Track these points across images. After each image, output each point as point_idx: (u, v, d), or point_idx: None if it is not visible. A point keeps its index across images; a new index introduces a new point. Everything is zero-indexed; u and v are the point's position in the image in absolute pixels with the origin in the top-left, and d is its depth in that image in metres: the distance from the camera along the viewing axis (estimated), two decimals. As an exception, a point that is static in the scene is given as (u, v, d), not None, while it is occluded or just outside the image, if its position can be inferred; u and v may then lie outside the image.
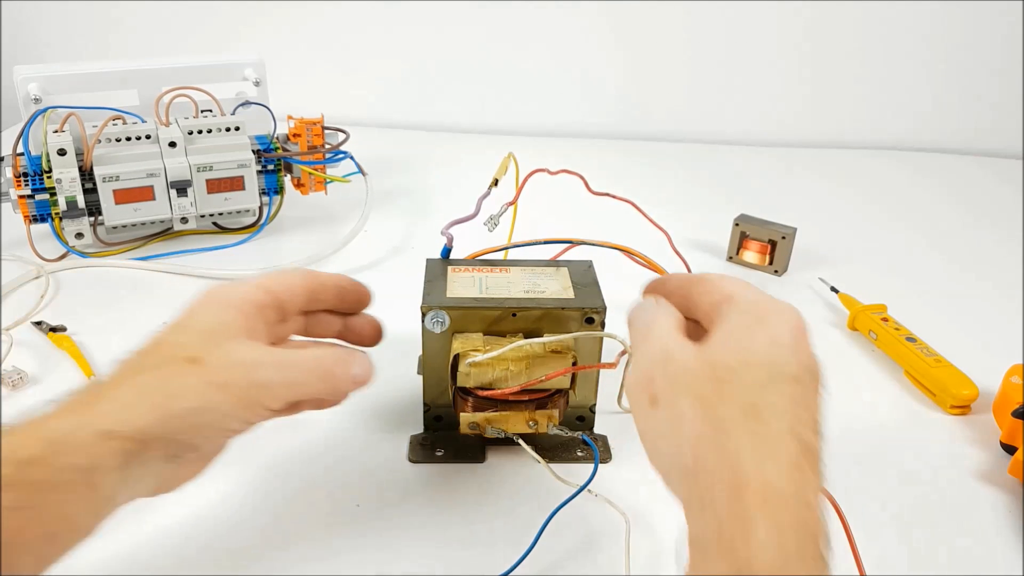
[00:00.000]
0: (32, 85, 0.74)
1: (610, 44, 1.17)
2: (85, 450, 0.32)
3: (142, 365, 0.35)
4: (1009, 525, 0.46)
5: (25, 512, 0.30)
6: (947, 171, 1.08)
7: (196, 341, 0.36)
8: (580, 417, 0.51)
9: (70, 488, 0.31)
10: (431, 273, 0.50)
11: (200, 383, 0.35)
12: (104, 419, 0.33)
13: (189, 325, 0.38)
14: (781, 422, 0.31)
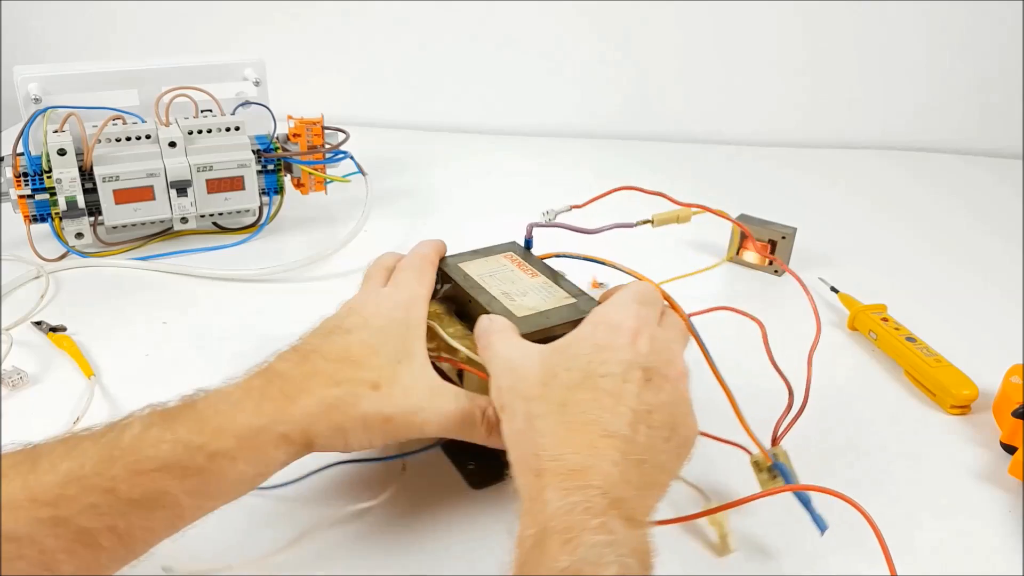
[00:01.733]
0: (32, 85, 0.74)
1: (611, 44, 1.17)
2: (266, 451, 0.37)
3: (335, 378, 0.40)
4: (1009, 525, 0.46)
5: (203, 497, 0.36)
6: (947, 171, 1.08)
7: (382, 368, 0.41)
8: None
9: (241, 479, 0.37)
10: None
11: (375, 412, 0.40)
12: (288, 426, 0.38)
13: (379, 347, 0.42)
14: (586, 414, 0.35)
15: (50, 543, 0.31)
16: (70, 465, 0.33)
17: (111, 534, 0.33)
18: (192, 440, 0.35)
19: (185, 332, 0.63)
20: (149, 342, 0.61)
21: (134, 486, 0.33)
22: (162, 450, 0.34)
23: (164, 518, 0.35)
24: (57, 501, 0.32)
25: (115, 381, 0.56)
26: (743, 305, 0.71)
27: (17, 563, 0.30)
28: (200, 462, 0.35)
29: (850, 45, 1.14)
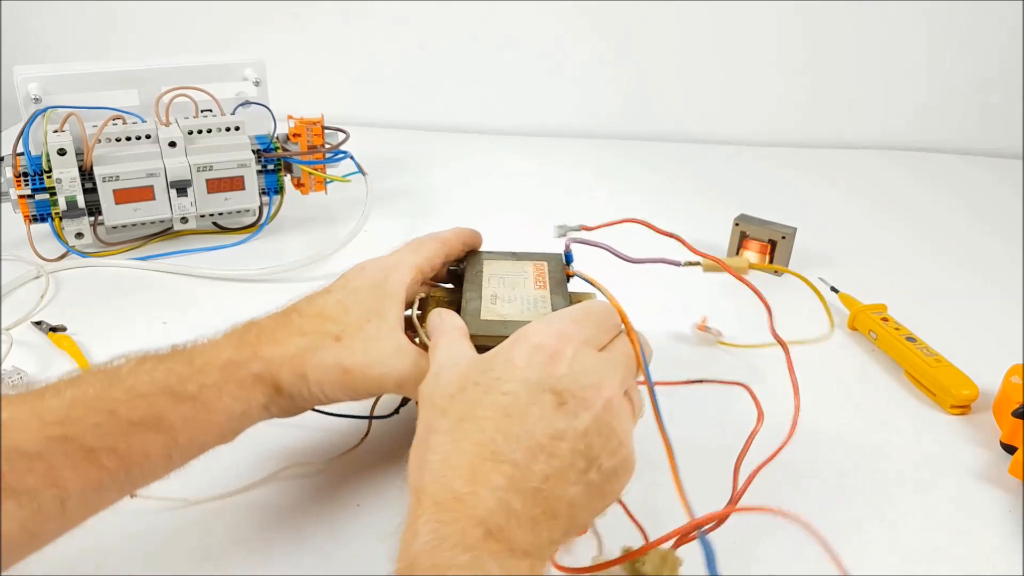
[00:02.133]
0: (32, 85, 0.74)
1: (611, 44, 1.17)
2: (245, 387, 0.40)
3: (302, 329, 0.42)
4: (1009, 525, 0.46)
5: (195, 425, 0.38)
6: (947, 171, 1.08)
7: (349, 323, 0.43)
8: None
9: (227, 412, 0.39)
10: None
11: (333, 362, 0.41)
12: (260, 366, 0.40)
13: (351, 306, 0.44)
14: (480, 433, 0.34)
15: (58, 460, 0.33)
16: (74, 392, 0.35)
17: (112, 455, 0.35)
18: (182, 372, 0.38)
19: (185, 332, 0.62)
20: (149, 342, 0.61)
21: (133, 408, 0.36)
22: (156, 377, 0.38)
23: (161, 443, 0.37)
24: (64, 421, 0.34)
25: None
26: (744, 305, 0.71)
27: (27, 477, 0.32)
28: (191, 390, 0.38)
29: (850, 45, 1.14)
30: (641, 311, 0.60)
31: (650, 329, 0.57)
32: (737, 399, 0.49)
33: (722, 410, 0.54)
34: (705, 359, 0.62)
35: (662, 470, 0.35)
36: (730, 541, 0.42)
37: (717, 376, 0.53)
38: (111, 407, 0.35)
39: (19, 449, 0.33)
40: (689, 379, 0.52)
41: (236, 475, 0.48)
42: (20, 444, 0.33)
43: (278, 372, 0.41)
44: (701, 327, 0.63)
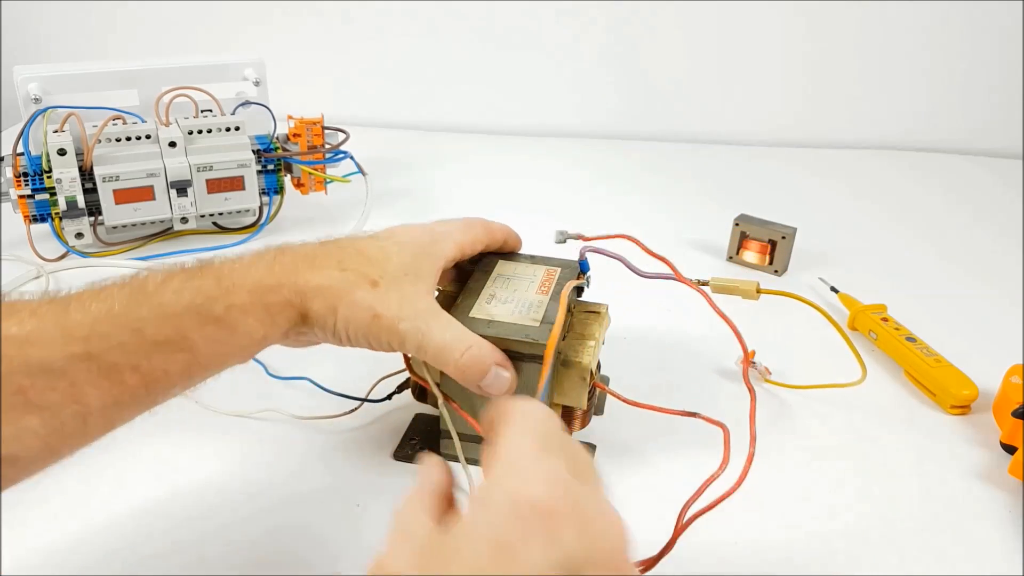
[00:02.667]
0: (32, 85, 0.74)
1: (610, 44, 1.17)
2: (272, 310, 0.40)
3: (343, 263, 0.42)
4: (1009, 525, 0.46)
5: (218, 345, 0.38)
6: (947, 171, 1.08)
7: (387, 273, 0.42)
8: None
9: (249, 335, 0.39)
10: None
11: (366, 304, 0.41)
12: (291, 292, 0.40)
13: (393, 256, 0.44)
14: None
15: (81, 377, 0.33)
16: (100, 306, 0.35)
17: (135, 373, 0.35)
18: (211, 291, 0.38)
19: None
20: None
21: (160, 328, 0.36)
22: (184, 296, 0.37)
23: (182, 362, 0.37)
24: (89, 337, 0.34)
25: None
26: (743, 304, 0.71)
27: (50, 394, 0.32)
28: (218, 311, 0.38)
29: (851, 45, 1.14)
30: (664, 328, 0.61)
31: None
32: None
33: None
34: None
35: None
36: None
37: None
38: (137, 326, 0.35)
39: (43, 365, 0.32)
40: (673, 409, 0.48)
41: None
42: (44, 359, 0.32)
43: (310, 301, 0.40)
44: (746, 361, 0.57)
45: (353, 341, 0.42)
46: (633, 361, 0.60)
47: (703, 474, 0.41)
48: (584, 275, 0.50)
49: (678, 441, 0.52)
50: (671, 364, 0.61)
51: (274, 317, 0.40)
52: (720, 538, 0.44)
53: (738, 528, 0.45)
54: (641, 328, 0.64)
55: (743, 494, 0.47)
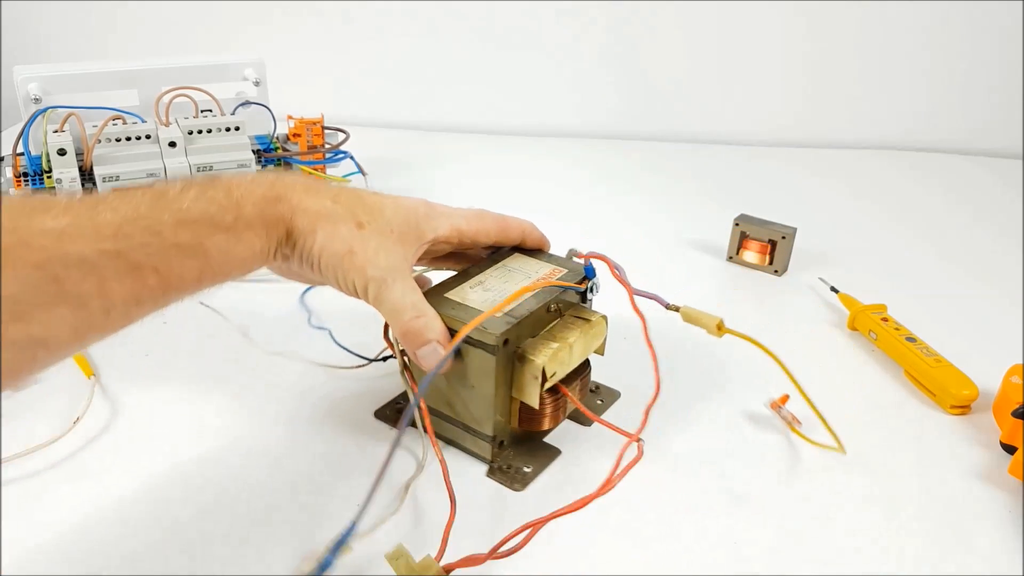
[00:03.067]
0: (32, 85, 0.74)
1: (610, 44, 1.17)
2: (270, 225, 0.42)
3: (338, 197, 0.45)
4: (1009, 525, 0.46)
5: (226, 252, 0.40)
6: (947, 171, 1.08)
7: (375, 221, 0.45)
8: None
9: (253, 246, 0.42)
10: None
11: (345, 237, 0.44)
12: (286, 207, 0.43)
13: (387, 211, 0.46)
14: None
15: (108, 272, 0.35)
16: (127, 208, 0.37)
17: (155, 273, 0.37)
18: (222, 201, 0.41)
19: (185, 332, 0.63)
20: (149, 342, 0.61)
21: (178, 232, 0.38)
22: (200, 204, 0.40)
23: (196, 267, 0.39)
24: (117, 236, 0.36)
25: (115, 381, 0.56)
26: (743, 304, 0.71)
27: (83, 285, 0.34)
28: (228, 221, 0.40)
29: (851, 45, 1.14)
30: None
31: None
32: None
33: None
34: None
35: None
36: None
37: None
38: (158, 228, 0.37)
39: (78, 258, 0.34)
40: (621, 429, 0.48)
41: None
42: (80, 252, 0.34)
43: (297, 218, 0.43)
44: (775, 405, 0.54)
45: (324, 271, 0.44)
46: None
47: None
48: (588, 280, 0.50)
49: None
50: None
51: (269, 231, 0.42)
52: (720, 538, 0.44)
53: (738, 528, 0.45)
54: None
55: (741, 497, 0.47)
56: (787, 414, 0.53)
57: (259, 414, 0.54)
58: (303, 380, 0.57)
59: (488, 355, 0.44)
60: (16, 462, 0.48)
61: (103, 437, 0.51)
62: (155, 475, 0.48)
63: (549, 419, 0.48)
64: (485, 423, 0.48)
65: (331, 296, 0.48)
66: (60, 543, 0.43)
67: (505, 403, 0.48)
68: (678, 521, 0.45)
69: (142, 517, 0.45)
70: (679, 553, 0.31)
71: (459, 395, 0.48)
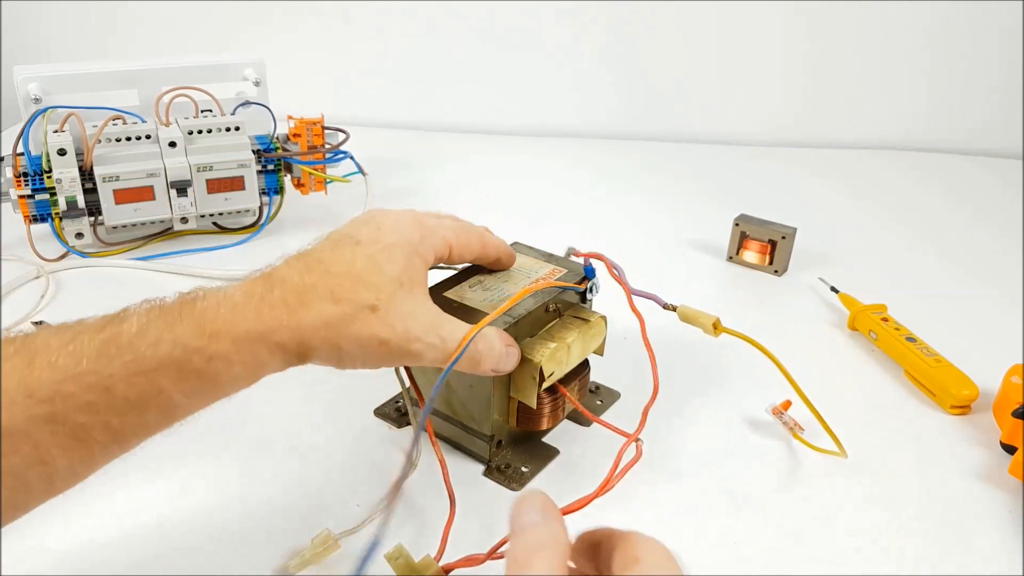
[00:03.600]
0: (32, 85, 0.74)
1: (610, 44, 1.17)
2: (262, 356, 0.37)
3: (335, 294, 0.39)
4: (1009, 525, 0.46)
5: (198, 396, 0.36)
6: (947, 171, 1.08)
7: (383, 291, 0.40)
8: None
9: (239, 380, 0.37)
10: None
11: (369, 334, 0.39)
12: (286, 336, 0.37)
13: (384, 266, 0.40)
14: None
15: (45, 439, 0.32)
16: (67, 362, 0.33)
17: (105, 430, 0.33)
18: (190, 342, 0.35)
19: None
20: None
21: (131, 386, 0.33)
22: (161, 350, 0.34)
23: (158, 416, 0.35)
24: (54, 398, 0.32)
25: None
26: (743, 304, 0.71)
27: (12, 458, 0.31)
28: (197, 364, 0.35)
29: (851, 45, 1.14)
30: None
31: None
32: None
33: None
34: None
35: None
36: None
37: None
38: (107, 384, 0.33)
39: (6, 429, 0.31)
40: (619, 429, 0.48)
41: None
42: (7, 424, 0.31)
43: (309, 340, 0.38)
44: (776, 411, 0.53)
45: (367, 367, 0.41)
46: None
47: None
48: (588, 280, 0.50)
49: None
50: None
51: (265, 361, 0.37)
52: (720, 539, 0.44)
53: (738, 528, 0.45)
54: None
55: (740, 497, 0.47)
56: (789, 420, 0.53)
57: (259, 413, 0.54)
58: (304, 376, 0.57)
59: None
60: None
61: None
62: (155, 475, 0.48)
63: (547, 419, 0.48)
64: (483, 423, 0.48)
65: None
66: (60, 543, 0.43)
67: (503, 403, 0.48)
68: (678, 522, 0.46)
69: (143, 517, 0.45)
70: (679, 553, 0.31)
71: (457, 395, 0.49)
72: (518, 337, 0.46)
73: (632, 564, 0.30)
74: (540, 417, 0.48)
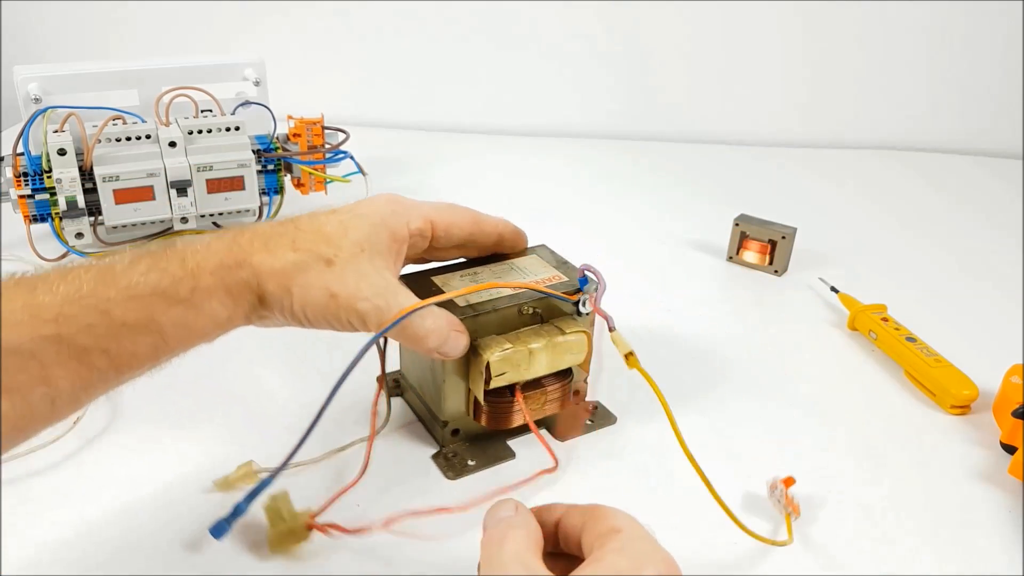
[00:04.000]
0: (32, 85, 0.74)
1: (610, 44, 1.17)
2: (233, 292, 0.40)
3: (296, 244, 0.41)
4: (1009, 525, 0.46)
5: (184, 329, 0.38)
6: (947, 171, 1.08)
7: (343, 249, 0.42)
8: (575, 391, 0.52)
9: (213, 317, 0.39)
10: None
11: (321, 284, 0.41)
12: (248, 273, 0.40)
13: (350, 231, 0.43)
14: None
15: (50, 359, 0.33)
16: (67, 288, 0.35)
17: (104, 356, 0.35)
18: (175, 272, 0.38)
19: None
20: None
21: (127, 310, 0.36)
22: (151, 279, 0.37)
23: (150, 344, 0.37)
24: (57, 319, 0.34)
25: (115, 381, 0.56)
26: (743, 304, 0.71)
27: (19, 376, 0.32)
28: (183, 293, 0.38)
29: (850, 45, 1.14)
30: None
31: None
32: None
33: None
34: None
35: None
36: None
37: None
38: (105, 307, 0.35)
39: (12, 347, 0.32)
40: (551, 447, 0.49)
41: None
42: (13, 342, 0.32)
43: (265, 283, 0.40)
44: (774, 486, 0.47)
45: (313, 322, 0.42)
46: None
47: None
48: (581, 293, 0.49)
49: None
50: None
51: (236, 299, 0.40)
52: (720, 539, 0.44)
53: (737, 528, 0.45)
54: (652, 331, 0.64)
55: (742, 503, 0.47)
56: (793, 503, 0.46)
57: (259, 413, 0.54)
58: (302, 371, 0.57)
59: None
60: (16, 462, 0.48)
61: (103, 437, 0.51)
62: (156, 474, 0.48)
63: (492, 419, 0.48)
64: (438, 408, 0.49)
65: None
66: (61, 543, 0.43)
67: (458, 392, 0.48)
68: (678, 521, 0.46)
69: (143, 516, 0.45)
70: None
71: (425, 376, 0.50)
72: (480, 331, 0.46)
73: (613, 534, 0.33)
74: (480, 415, 0.48)
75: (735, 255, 0.78)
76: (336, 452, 0.50)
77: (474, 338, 0.46)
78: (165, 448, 0.50)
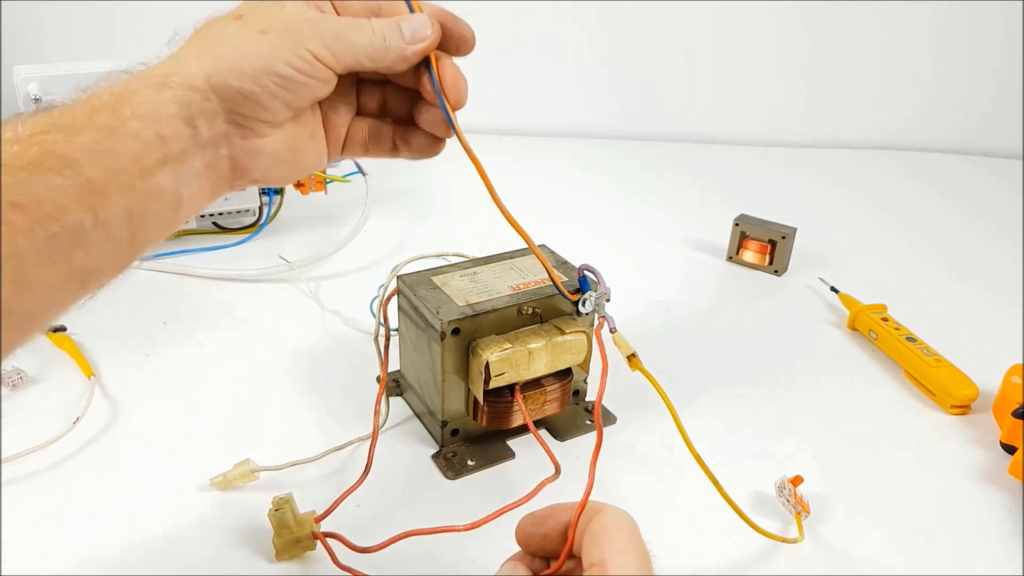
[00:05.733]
0: (32, 85, 0.74)
1: (610, 44, 1.17)
2: (146, 99, 0.35)
3: (196, 32, 0.38)
4: (1009, 525, 0.46)
5: (102, 156, 0.32)
6: (947, 171, 1.08)
7: (246, 5, 0.37)
8: (575, 391, 0.52)
9: (137, 135, 0.33)
10: (417, 283, 0.50)
11: (241, 29, 0.36)
12: (159, 74, 0.36)
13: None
14: None
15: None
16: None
17: (17, 209, 0.30)
18: (71, 104, 0.35)
19: (185, 332, 0.63)
20: (149, 342, 0.61)
21: (25, 150, 0.31)
22: (39, 118, 0.33)
23: (71, 189, 0.31)
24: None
25: (115, 381, 0.56)
26: (742, 304, 0.71)
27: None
28: (81, 117, 0.34)
29: (850, 45, 1.14)
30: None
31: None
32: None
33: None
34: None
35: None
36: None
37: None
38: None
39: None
40: (553, 454, 0.47)
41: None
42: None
43: (227, 79, 0.35)
44: (782, 485, 0.46)
45: (257, 81, 0.35)
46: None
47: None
48: (581, 293, 0.48)
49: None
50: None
51: (159, 103, 0.35)
52: (720, 539, 0.44)
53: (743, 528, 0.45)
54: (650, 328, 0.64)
55: (749, 502, 0.47)
56: (801, 500, 0.45)
57: (259, 410, 0.54)
58: (302, 371, 0.57)
59: (437, 341, 0.46)
60: (16, 462, 0.48)
61: (103, 437, 0.51)
62: (157, 474, 0.48)
63: (497, 419, 0.48)
64: (436, 407, 0.49)
65: (334, 286, 0.48)
66: (61, 543, 0.43)
67: (457, 392, 0.49)
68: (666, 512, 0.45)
69: (143, 516, 0.45)
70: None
71: (424, 375, 0.50)
72: (481, 332, 0.46)
73: (597, 568, 0.31)
74: (480, 415, 0.48)
75: (735, 255, 0.78)
76: (336, 450, 0.50)
77: (474, 338, 0.46)
78: (164, 447, 0.50)
